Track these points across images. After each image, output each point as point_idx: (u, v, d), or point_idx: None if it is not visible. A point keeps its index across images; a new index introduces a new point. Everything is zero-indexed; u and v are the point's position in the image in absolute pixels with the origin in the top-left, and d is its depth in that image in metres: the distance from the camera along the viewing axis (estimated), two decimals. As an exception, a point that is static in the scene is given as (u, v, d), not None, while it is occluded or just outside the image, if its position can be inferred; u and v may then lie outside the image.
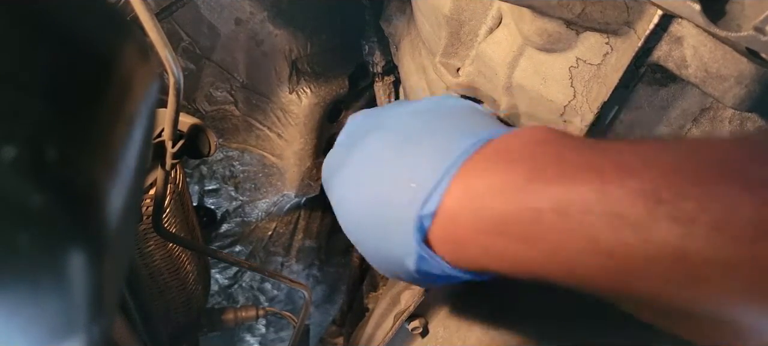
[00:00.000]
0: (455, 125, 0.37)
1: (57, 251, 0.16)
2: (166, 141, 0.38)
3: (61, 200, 0.15)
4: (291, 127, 0.67)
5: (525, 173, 0.30)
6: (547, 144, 0.31)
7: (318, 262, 0.79)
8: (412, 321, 0.49)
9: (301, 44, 0.63)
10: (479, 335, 0.48)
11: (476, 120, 0.39)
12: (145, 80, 0.20)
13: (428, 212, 0.33)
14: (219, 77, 0.62)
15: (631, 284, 0.28)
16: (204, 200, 0.69)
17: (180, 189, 0.48)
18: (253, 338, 0.80)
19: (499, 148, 0.33)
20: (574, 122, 0.40)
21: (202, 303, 0.62)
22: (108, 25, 0.19)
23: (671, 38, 0.34)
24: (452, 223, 0.33)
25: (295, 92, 0.65)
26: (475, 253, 0.33)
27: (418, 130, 0.38)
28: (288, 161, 0.69)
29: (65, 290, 0.16)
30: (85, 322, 0.17)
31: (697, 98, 0.38)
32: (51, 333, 0.17)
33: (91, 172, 0.17)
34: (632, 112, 0.39)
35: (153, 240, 0.47)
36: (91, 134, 0.17)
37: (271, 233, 0.73)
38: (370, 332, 0.57)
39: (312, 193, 0.72)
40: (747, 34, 0.30)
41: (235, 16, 0.59)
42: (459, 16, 0.45)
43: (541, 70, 0.40)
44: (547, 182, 0.29)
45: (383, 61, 0.66)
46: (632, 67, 0.36)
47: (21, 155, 0.15)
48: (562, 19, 0.37)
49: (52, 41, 0.17)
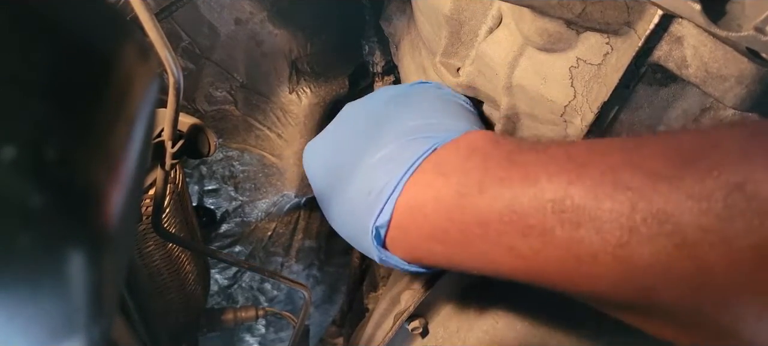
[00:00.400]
0: (412, 128, 0.42)
1: (57, 252, 0.16)
2: (166, 141, 0.38)
3: (61, 200, 0.15)
4: (291, 127, 0.67)
5: (455, 188, 0.35)
6: (477, 156, 0.36)
7: (318, 262, 0.79)
8: (412, 321, 0.49)
9: (301, 44, 0.63)
10: (479, 335, 0.48)
11: (434, 116, 0.44)
12: (145, 80, 0.20)
13: (382, 222, 0.38)
14: (219, 77, 0.61)
15: (544, 278, 0.32)
16: (204, 200, 0.69)
17: (180, 189, 0.48)
18: (252, 339, 0.80)
19: (438, 161, 0.38)
20: (575, 122, 0.40)
21: (201, 303, 0.62)
22: (107, 25, 0.19)
23: (671, 38, 0.34)
24: (401, 232, 0.38)
25: (295, 92, 0.65)
26: (423, 254, 0.38)
27: (380, 129, 0.43)
28: (288, 161, 0.69)
29: (65, 291, 0.16)
30: (84, 322, 0.17)
31: (697, 98, 0.38)
32: (50, 334, 0.17)
33: (90, 172, 0.16)
34: (632, 113, 0.39)
35: (152, 240, 0.47)
36: (91, 134, 0.17)
37: (271, 233, 0.73)
38: (370, 332, 0.57)
39: (312, 193, 0.72)
40: (747, 34, 0.30)
41: (234, 16, 0.59)
42: (459, 16, 0.45)
43: (542, 70, 0.40)
44: (471, 196, 0.34)
45: (383, 61, 0.66)
46: (632, 67, 0.36)
47: (20, 155, 0.15)
48: (563, 19, 0.37)
49: (52, 41, 0.17)
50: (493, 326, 0.47)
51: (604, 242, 0.27)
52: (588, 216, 0.28)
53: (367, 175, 0.40)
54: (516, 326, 0.47)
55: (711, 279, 0.25)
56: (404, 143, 0.40)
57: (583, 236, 0.28)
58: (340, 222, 0.44)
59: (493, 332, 0.47)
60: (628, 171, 0.28)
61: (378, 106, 0.47)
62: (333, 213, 0.45)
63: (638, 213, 0.27)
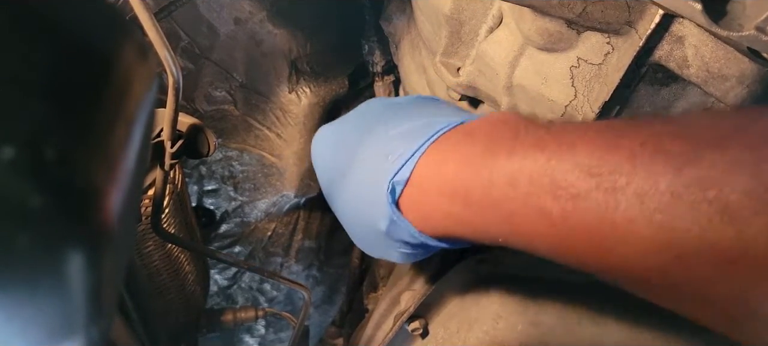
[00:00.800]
0: (437, 112, 0.41)
1: (56, 252, 0.16)
2: (165, 141, 0.38)
3: (60, 200, 0.15)
4: (290, 127, 0.67)
5: (483, 148, 0.34)
6: (506, 124, 0.35)
7: (317, 262, 0.79)
8: (412, 322, 0.49)
9: (301, 44, 0.63)
10: (479, 335, 0.48)
11: (455, 111, 0.43)
12: (144, 80, 0.20)
13: (400, 179, 0.37)
14: (218, 77, 0.61)
15: (570, 247, 0.30)
16: (203, 201, 0.69)
17: (179, 189, 0.48)
18: (252, 339, 0.80)
19: (466, 129, 0.37)
20: (575, 122, 0.40)
21: (201, 304, 0.62)
22: (107, 25, 0.19)
23: (672, 38, 0.34)
24: (419, 190, 0.37)
25: (294, 92, 0.65)
26: (438, 219, 0.36)
27: (402, 115, 0.42)
28: (287, 161, 0.69)
29: (64, 291, 0.16)
30: (84, 323, 0.17)
31: (698, 98, 0.38)
32: (50, 334, 0.17)
33: (90, 172, 0.16)
34: (633, 112, 0.39)
35: (152, 241, 0.47)
36: (90, 134, 0.17)
37: (271, 233, 0.73)
38: (369, 333, 0.57)
39: (311, 193, 0.72)
40: (748, 33, 0.30)
41: (234, 16, 0.59)
42: (459, 16, 0.44)
43: (542, 69, 0.40)
44: (501, 155, 0.32)
45: (383, 61, 0.66)
46: (633, 67, 0.36)
47: (19, 155, 0.15)
48: (563, 19, 0.37)
49: (51, 41, 0.17)
50: (493, 327, 0.47)
51: (643, 207, 0.27)
52: (627, 180, 0.27)
53: (387, 143, 0.39)
54: (516, 327, 0.47)
55: (752, 249, 0.25)
56: (430, 121, 0.39)
57: (620, 201, 0.27)
58: (351, 194, 0.42)
59: (493, 333, 0.47)
60: (671, 138, 0.27)
61: (399, 100, 0.46)
62: (342, 188, 0.43)
63: (682, 178, 0.26)
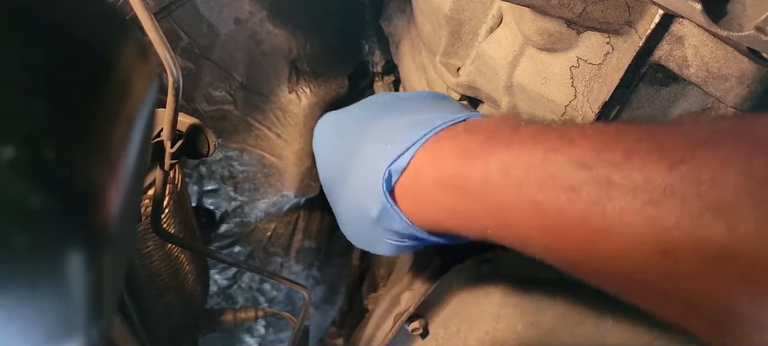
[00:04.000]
0: (442, 108, 0.41)
1: (56, 252, 0.16)
2: (165, 141, 0.38)
3: (60, 200, 0.15)
4: (290, 127, 0.67)
5: (482, 141, 0.34)
6: (507, 121, 0.35)
7: (317, 263, 0.78)
8: (412, 322, 0.49)
9: (301, 44, 0.63)
10: (479, 336, 0.48)
11: (461, 109, 0.43)
12: (144, 80, 0.20)
13: (397, 167, 0.37)
14: (218, 77, 0.61)
15: (560, 242, 0.31)
16: (203, 201, 0.69)
17: (179, 189, 0.48)
18: (252, 339, 0.80)
19: (468, 124, 0.37)
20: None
21: (201, 304, 0.62)
22: (107, 25, 0.19)
23: (672, 38, 0.34)
24: (415, 180, 0.37)
25: (294, 92, 0.65)
26: (431, 209, 0.37)
27: (407, 108, 0.42)
28: (287, 161, 0.69)
29: (64, 291, 0.16)
30: (84, 323, 0.17)
31: (698, 98, 0.38)
32: (49, 335, 0.17)
33: (89, 172, 0.16)
34: (633, 112, 0.39)
35: (152, 241, 0.47)
36: (90, 134, 0.17)
37: (271, 233, 0.73)
38: (369, 333, 0.57)
39: (311, 193, 0.72)
40: (748, 33, 0.29)
41: (234, 16, 0.59)
42: (459, 16, 0.44)
43: (542, 69, 0.40)
44: (499, 148, 0.33)
45: (383, 61, 0.66)
46: (633, 67, 0.36)
47: (19, 155, 0.15)
48: (563, 19, 0.37)
49: (51, 41, 0.17)
50: (493, 327, 0.47)
51: (635, 200, 0.27)
52: (621, 175, 0.28)
53: (389, 132, 0.39)
54: (516, 327, 0.47)
55: (741, 245, 0.25)
56: (434, 115, 0.39)
57: (613, 195, 0.28)
58: (347, 180, 0.42)
59: (493, 333, 0.47)
60: (668, 135, 0.28)
61: (407, 93, 0.47)
62: (340, 173, 0.43)
63: (675, 173, 0.26)
